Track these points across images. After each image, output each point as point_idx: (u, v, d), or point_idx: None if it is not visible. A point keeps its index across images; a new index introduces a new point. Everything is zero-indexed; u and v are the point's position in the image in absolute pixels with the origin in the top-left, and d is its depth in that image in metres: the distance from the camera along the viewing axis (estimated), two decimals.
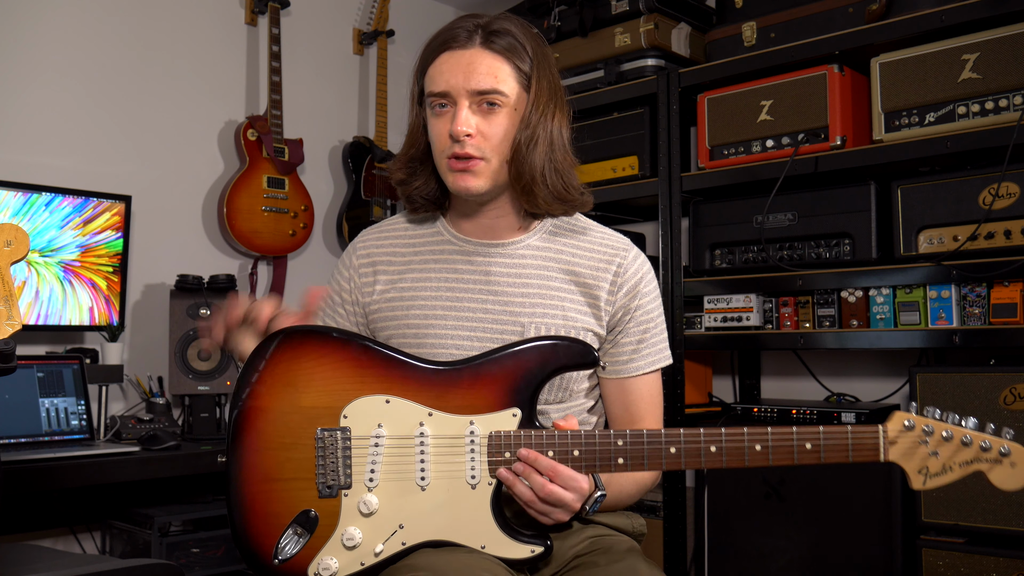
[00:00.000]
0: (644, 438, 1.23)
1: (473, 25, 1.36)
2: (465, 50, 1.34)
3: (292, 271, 3.29)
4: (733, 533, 2.55)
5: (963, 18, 2.25)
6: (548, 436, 1.24)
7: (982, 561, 2.10)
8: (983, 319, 2.23)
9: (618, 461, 1.23)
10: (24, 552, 1.77)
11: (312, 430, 1.26)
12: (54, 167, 2.76)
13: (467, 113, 1.34)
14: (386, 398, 1.27)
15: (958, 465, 1.22)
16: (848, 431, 1.22)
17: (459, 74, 1.34)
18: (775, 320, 2.63)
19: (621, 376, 1.45)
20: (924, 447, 1.22)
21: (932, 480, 1.22)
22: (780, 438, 1.22)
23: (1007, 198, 2.20)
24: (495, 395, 1.26)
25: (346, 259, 1.54)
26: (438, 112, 1.37)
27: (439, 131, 1.37)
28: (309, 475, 1.26)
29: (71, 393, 2.52)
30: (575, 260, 1.44)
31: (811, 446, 1.22)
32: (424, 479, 1.25)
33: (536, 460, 1.22)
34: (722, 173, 2.70)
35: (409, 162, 1.45)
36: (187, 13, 3.10)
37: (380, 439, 1.25)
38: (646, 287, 1.46)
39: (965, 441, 1.21)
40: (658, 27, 2.90)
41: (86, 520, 2.74)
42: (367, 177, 3.39)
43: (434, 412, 1.26)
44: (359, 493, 1.25)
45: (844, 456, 1.22)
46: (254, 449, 1.27)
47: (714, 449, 1.22)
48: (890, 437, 1.23)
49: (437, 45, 1.37)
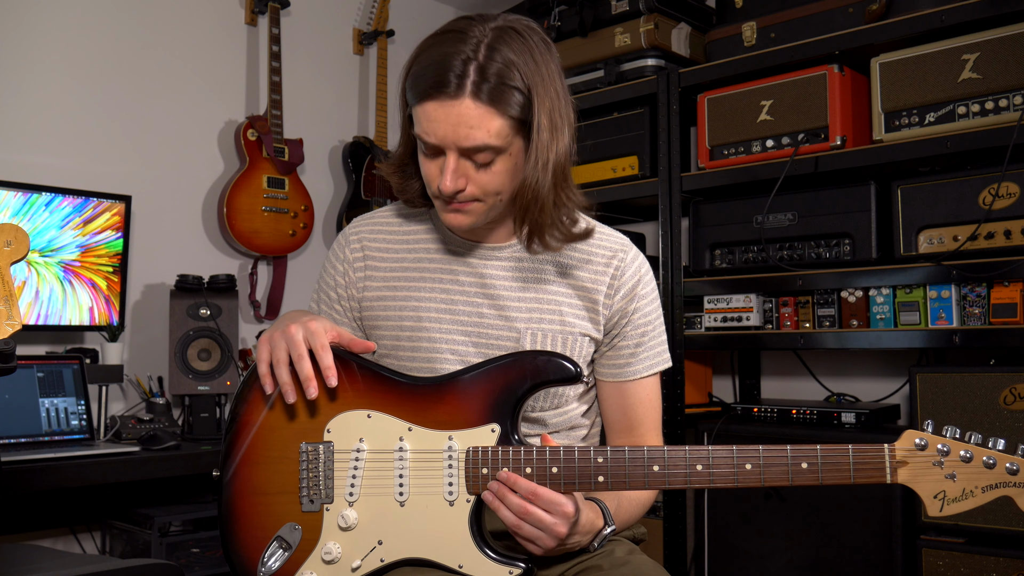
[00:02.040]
0: (626, 455, 1.18)
1: (462, 65, 1.22)
2: (453, 102, 1.21)
3: (292, 271, 3.29)
4: (733, 533, 2.55)
5: (963, 18, 2.25)
6: (526, 452, 1.20)
7: (982, 561, 2.10)
8: (983, 319, 2.23)
9: (598, 479, 1.18)
10: (24, 552, 1.77)
11: (297, 444, 1.26)
12: (54, 167, 2.76)
13: (456, 167, 1.25)
14: (368, 412, 1.26)
15: (980, 489, 1.11)
16: (849, 450, 1.13)
17: (448, 128, 1.23)
18: (775, 320, 2.63)
19: (619, 380, 1.42)
20: (939, 469, 1.12)
21: (951, 506, 1.12)
22: (773, 457, 1.15)
23: (1007, 198, 2.20)
24: (474, 410, 1.23)
25: (338, 251, 1.49)
26: (428, 153, 1.28)
27: (429, 172, 1.29)
28: (294, 488, 1.26)
29: (71, 393, 2.52)
30: (572, 263, 1.41)
31: (807, 466, 1.14)
32: (403, 495, 1.23)
33: (515, 482, 1.18)
34: (722, 173, 2.70)
35: (402, 167, 1.41)
36: (187, 13, 3.10)
37: (360, 453, 1.25)
38: (644, 289, 1.42)
39: (988, 463, 1.10)
40: (658, 27, 2.90)
41: (86, 520, 2.74)
42: (367, 177, 3.39)
43: (414, 427, 1.24)
44: (339, 507, 1.24)
45: (846, 477, 1.13)
46: (244, 462, 1.28)
47: (700, 468, 1.16)
48: (898, 457, 1.13)
49: (425, 87, 1.23)
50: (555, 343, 1.37)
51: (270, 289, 3.23)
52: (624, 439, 1.44)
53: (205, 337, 2.79)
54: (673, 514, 2.74)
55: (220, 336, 2.80)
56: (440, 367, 1.36)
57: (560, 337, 1.37)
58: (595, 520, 1.25)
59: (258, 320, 3.21)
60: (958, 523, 2.15)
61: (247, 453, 1.28)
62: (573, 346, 1.39)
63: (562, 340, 1.38)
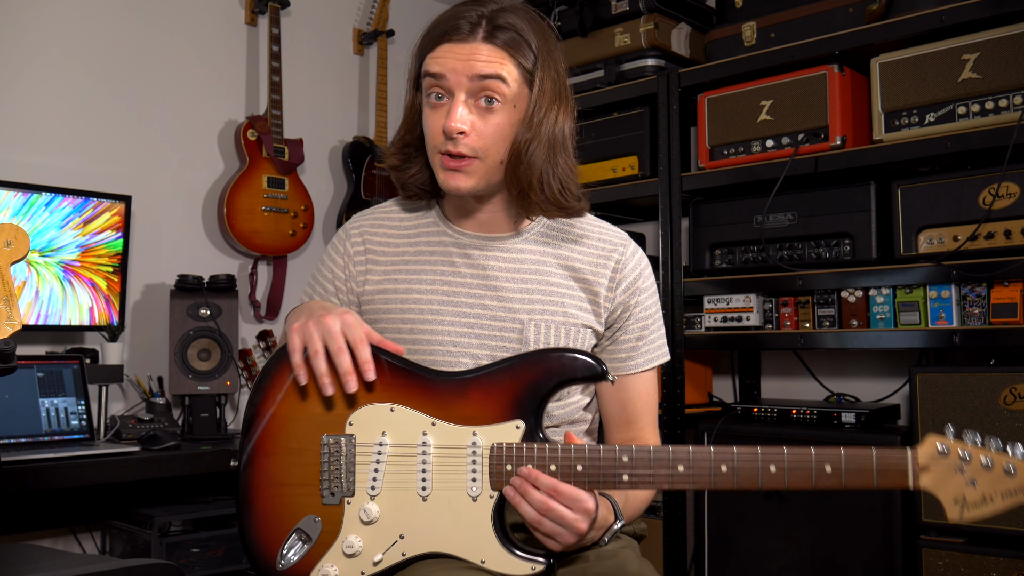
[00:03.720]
0: (651, 455, 1.17)
1: (477, 16, 1.30)
2: (466, 43, 1.29)
3: (292, 271, 3.29)
4: (733, 533, 2.55)
5: (963, 18, 2.25)
6: (551, 450, 1.20)
7: (982, 561, 2.10)
8: (983, 319, 2.23)
9: (623, 478, 1.18)
10: (24, 552, 1.77)
11: (318, 436, 1.25)
12: (54, 167, 2.76)
13: (463, 109, 1.29)
14: (391, 406, 1.25)
15: (1000, 496, 1.10)
16: (873, 454, 1.12)
17: (459, 62, 1.29)
18: (775, 320, 2.63)
19: (619, 374, 1.43)
20: (961, 476, 1.11)
21: (971, 511, 1.11)
22: (797, 459, 1.13)
23: (1007, 198, 2.20)
24: (499, 406, 1.22)
25: (339, 245, 1.49)
26: (433, 103, 1.32)
27: (433, 124, 1.32)
28: (315, 481, 1.25)
29: (71, 393, 2.52)
30: (574, 255, 1.42)
31: (831, 469, 1.12)
32: (425, 489, 1.22)
33: (536, 478, 1.18)
34: (722, 173, 2.70)
35: (404, 148, 1.41)
36: (187, 13, 3.10)
37: (383, 447, 1.23)
38: (644, 283, 1.44)
39: (1008, 470, 1.09)
40: (658, 27, 2.90)
41: (86, 520, 2.74)
42: (367, 177, 3.39)
43: (438, 422, 1.23)
44: (361, 501, 1.23)
45: (868, 481, 1.12)
46: (264, 453, 1.27)
47: (725, 469, 1.15)
48: (921, 463, 1.12)
49: (439, 34, 1.32)
50: (558, 334, 1.38)
51: (270, 289, 3.23)
52: (623, 433, 1.45)
53: (205, 337, 2.79)
54: (673, 514, 2.73)
55: (220, 336, 2.80)
56: (442, 359, 1.36)
57: (563, 328, 1.38)
58: (608, 516, 1.25)
59: (258, 320, 3.21)
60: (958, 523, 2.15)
61: (266, 443, 1.27)
62: (576, 337, 1.39)
63: (565, 331, 1.38)
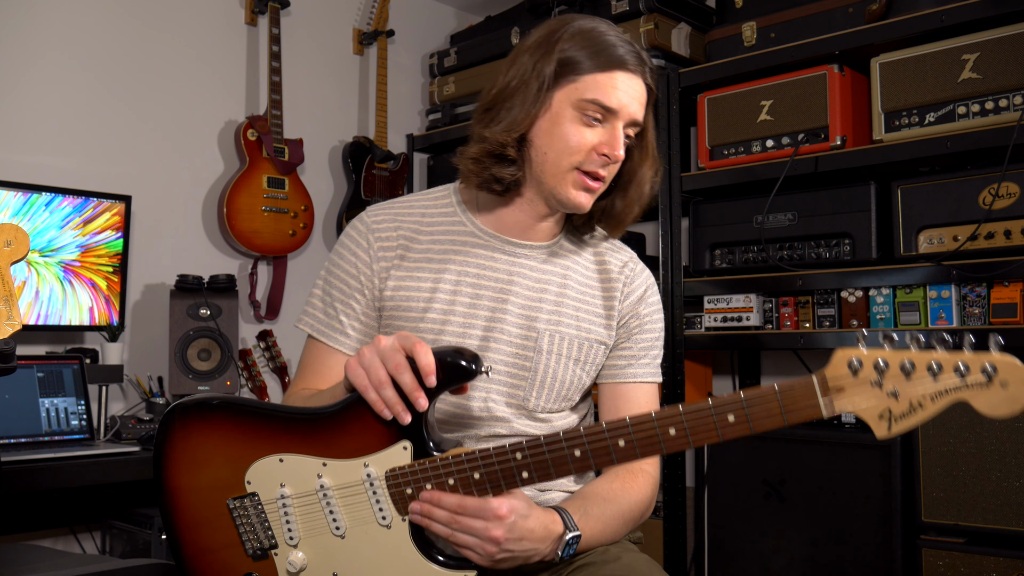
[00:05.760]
0: (543, 445, 1.14)
1: (636, 55, 1.34)
2: (636, 78, 1.34)
3: (292, 271, 3.29)
4: (733, 533, 2.55)
5: (963, 18, 2.25)
6: (443, 463, 1.17)
7: (982, 561, 2.10)
8: (983, 319, 2.23)
9: (523, 475, 1.15)
10: (24, 552, 1.77)
11: (223, 501, 1.25)
12: (54, 167, 2.76)
13: (622, 137, 1.35)
14: (279, 457, 1.23)
15: (929, 399, 0.98)
16: (776, 390, 1.03)
17: (629, 99, 1.33)
18: (775, 320, 2.63)
19: (616, 381, 1.44)
20: (879, 390, 0.99)
21: (899, 423, 1.00)
22: (697, 417, 1.06)
23: (1007, 198, 2.20)
24: (381, 431, 1.19)
25: (360, 240, 1.40)
26: (587, 122, 1.32)
27: (581, 139, 1.32)
28: (238, 541, 1.25)
29: (71, 393, 2.52)
30: (591, 269, 1.46)
31: (734, 418, 1.04)
32: (339, 528, 1.21)
33: (440, 500, 1.16)
34: (722, 173, 2.70)
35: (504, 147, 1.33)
36: (187, 13, 3.10)
37: (286, 499, 1.23)
38: (651, 297, 1.48)
39: (933, 368, 0.97)
40: (658, 27, 2.90)
41: (86, 520, 2.74)
42: (367, 177, 3.39)
43: (328, 461, 1.21)
44: (286, 552, 1.24)
45: (779, 421, 1.03)
46: (183, 526, 1.27)
47: (623, 443, 1.10)
48: (834, 385, 1.00)
49: (609, 60, 1.32)
50: (571, 347, 1.40)
51: (270, 289, 3.23)
52: None
53: (205, 337, 2.79)
54: (673, 514, 2.74)
55: (220, 336, 2.80)
56: None
57: (576, 342, 1.40)
58: (550, 525, 1.21)
59: (258, 320, 3.21)
60: (958, 523, 2.15)
61: (182, 516, 1.27)
62: (588, 353, 1.41)
63: (578, 345, 1.40)
